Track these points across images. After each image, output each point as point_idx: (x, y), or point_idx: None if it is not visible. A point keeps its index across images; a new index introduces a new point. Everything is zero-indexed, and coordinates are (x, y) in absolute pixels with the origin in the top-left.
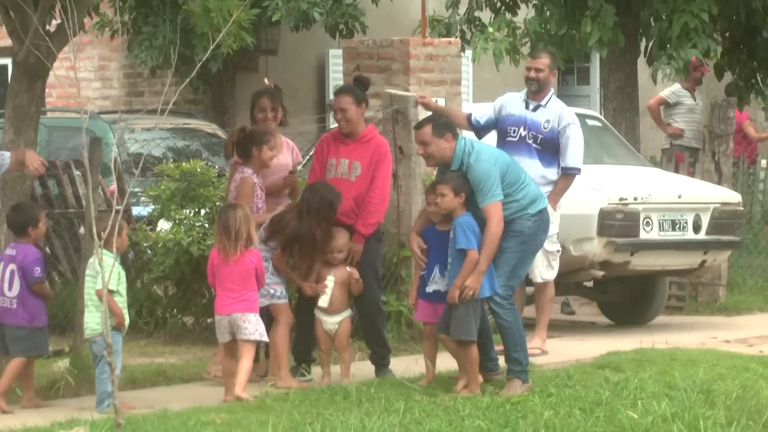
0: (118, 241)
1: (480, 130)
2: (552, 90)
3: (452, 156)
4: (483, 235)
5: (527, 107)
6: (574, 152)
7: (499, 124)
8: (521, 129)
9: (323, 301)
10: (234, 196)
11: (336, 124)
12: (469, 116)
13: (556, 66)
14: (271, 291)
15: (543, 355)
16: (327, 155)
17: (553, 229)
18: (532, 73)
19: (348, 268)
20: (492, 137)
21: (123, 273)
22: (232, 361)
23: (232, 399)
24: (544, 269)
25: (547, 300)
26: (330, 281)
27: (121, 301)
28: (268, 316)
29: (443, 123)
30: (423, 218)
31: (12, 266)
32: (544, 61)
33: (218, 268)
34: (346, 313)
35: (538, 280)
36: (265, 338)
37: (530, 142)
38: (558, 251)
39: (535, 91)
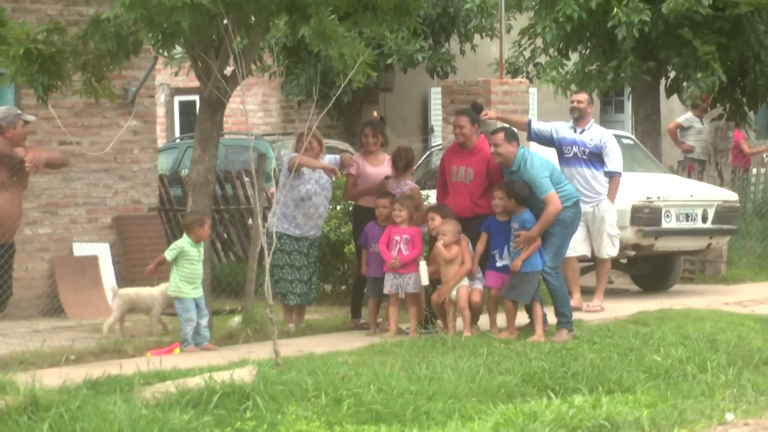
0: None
1: (532, 136)
2: (592, 119)
3: (513, 159)
4: (542, 213)
5: (575, 131)
6: (614, 160)
7: (556, 145)
8: (573, 147)
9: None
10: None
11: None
12: (528, 122)
13: (592, 102)
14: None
15: (601, 311)
16: (451, 163)
17: (613, 218)
18: (575, 104)
19: (457, 246)
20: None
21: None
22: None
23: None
24: (609, 248)
25: (605, 272)
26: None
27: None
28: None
29: (512, 133)
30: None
31: None
32: (583, 95)
33: None
34: (462, 283)
35: (604, 256)
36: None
37: (580, 156)
38: (617, 234)
39: (577, 118)
